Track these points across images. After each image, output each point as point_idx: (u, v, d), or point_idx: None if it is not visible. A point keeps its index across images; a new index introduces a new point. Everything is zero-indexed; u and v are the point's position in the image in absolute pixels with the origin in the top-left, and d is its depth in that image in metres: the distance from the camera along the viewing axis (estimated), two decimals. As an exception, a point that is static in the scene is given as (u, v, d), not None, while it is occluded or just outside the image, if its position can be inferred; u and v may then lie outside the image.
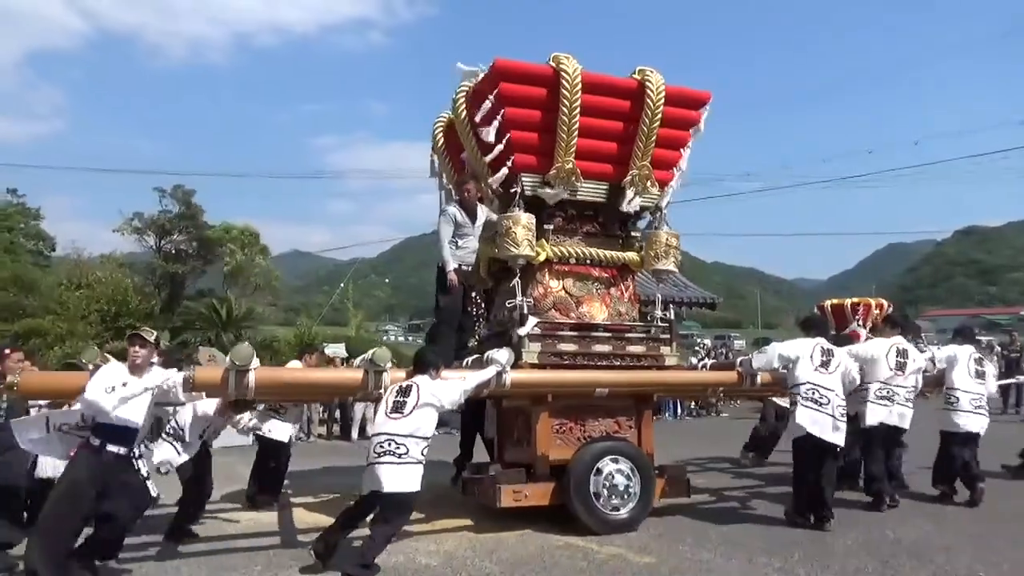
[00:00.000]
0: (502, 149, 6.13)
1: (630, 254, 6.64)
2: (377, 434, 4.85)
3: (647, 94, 6.20)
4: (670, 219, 6.73)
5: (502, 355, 5.55)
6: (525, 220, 6.04)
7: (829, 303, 9.25)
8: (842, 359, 6.23)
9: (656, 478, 6.10)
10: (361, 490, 4.93)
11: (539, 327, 6.06)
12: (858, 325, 8.47)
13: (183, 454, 5.61)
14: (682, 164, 6.78)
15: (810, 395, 5.93)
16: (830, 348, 6.23)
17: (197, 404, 5.52)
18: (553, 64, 6.05)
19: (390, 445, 4.73)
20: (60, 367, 7.23)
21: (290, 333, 25.42)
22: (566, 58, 6.04)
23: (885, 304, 8.87)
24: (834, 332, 7.65)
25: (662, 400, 15.17)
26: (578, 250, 6.43)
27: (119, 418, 4.38)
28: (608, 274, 6.59)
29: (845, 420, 6.00)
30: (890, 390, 6.61)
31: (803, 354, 6.10)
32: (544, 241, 6.27)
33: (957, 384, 6.96)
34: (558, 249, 6.34)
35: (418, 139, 7.70)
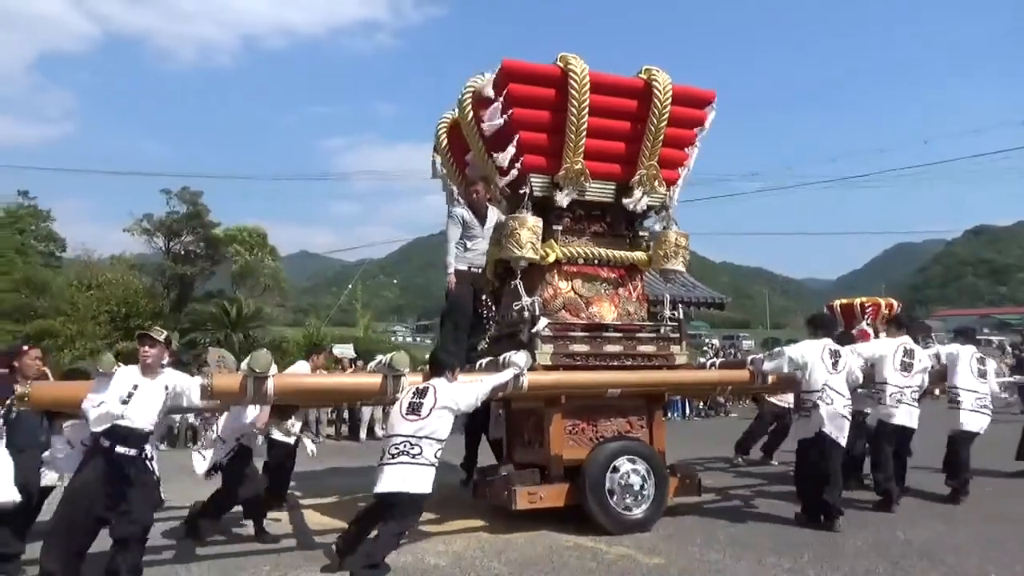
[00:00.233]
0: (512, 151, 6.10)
1: (638, 254, 6.61)
2: (392, 435, 4.82)
3: (654, 93, 6.18)
4: (678, 219, 6.71)
5: (520, 358, 5.50)
6: (531, 223, 6.00)
7: (839, 303, 9.25)
8: (847, 358, 6.27)
9: (669, 477, 6.09)
10: (374, 490, 4.92)
11: (550, 328, 6.03)
12: (867, 324, 8.46)
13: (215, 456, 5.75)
14: (689, 163, 6.76)
15: (827, 397, 5.98)
16: (837, 348, 6.26)
17: (247, 411, 5.61)
18: (561, 64, 6.01)
19: (405, 446, 4.71)
20: (66, 371, 7.23)
21: (299, 334, 25.53)
22: (574, 58, 6.00)
23: (895, 304, 8.87)
24: (840, 331, 7.65)
25: (670, 401, 15.16)
26: (587, 250, 6.39)
27: (128, 421, 4.40)
28: (616, 274, 6.56)
29: (850, 418, 6.09)
30: (900, 391, 6.70)
31: (815, 358, 6.12)
32: (553, 242, 6.24)
33: (960, 383, 7.10)
34: (567, 250, 6.31)
35: (426, 140, 7.70)
